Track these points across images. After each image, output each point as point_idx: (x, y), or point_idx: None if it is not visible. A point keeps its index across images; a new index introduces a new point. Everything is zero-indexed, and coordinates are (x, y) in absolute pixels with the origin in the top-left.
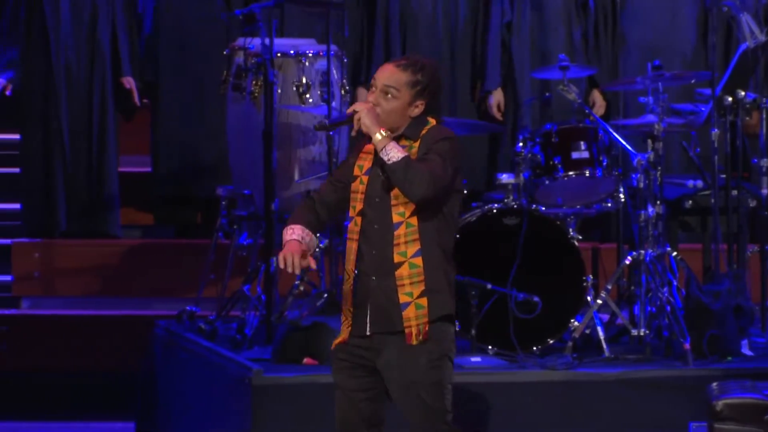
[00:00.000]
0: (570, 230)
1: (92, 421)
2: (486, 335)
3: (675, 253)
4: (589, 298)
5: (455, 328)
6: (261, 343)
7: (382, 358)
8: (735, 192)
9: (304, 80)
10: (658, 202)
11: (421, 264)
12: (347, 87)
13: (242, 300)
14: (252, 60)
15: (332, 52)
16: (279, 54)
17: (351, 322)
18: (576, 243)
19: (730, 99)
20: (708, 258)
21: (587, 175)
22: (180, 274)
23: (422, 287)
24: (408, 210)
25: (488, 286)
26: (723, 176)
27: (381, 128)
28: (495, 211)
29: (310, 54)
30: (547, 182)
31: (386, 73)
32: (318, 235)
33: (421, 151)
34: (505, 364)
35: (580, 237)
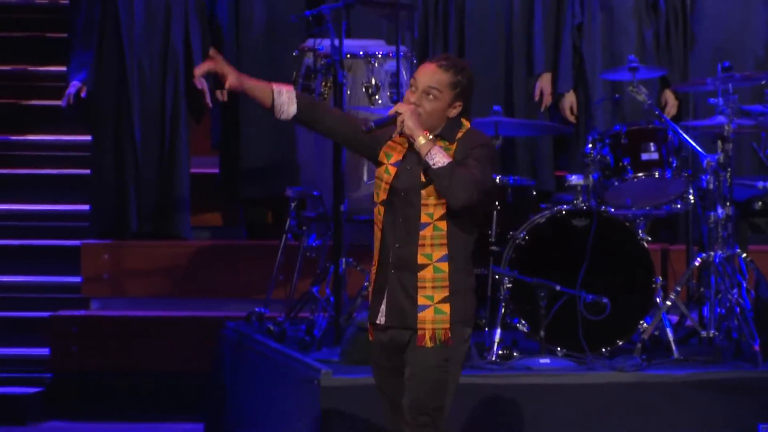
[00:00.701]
0: (639, 232)
1: (161, 422)
2: (555, 337)
3: (744, 255)
4: (658, 300)
5: (471, 329)
6: (329, 345)
7: (405, 355)
8: None
9: (374, 81)
10: (728, 204)
11: (447, 269)
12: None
13: (311, 301)
14: (321, 61)
15: (401, 53)
16: (348, 55)
17: (370, 310)
18: (645, 244)
19: None
20: None
21: (656, 177)
22: (249, 276)
23: (445, 293)
24: (437, 212)
25: (557, 288)
26: None
27: (424, 131)
28: (564, 213)
29: (380, 55)
30: (617, 183)
31: (428, 74)
32: (281, 93)
33: (459, 154)
34: (574, 366)
35: (650, 238)
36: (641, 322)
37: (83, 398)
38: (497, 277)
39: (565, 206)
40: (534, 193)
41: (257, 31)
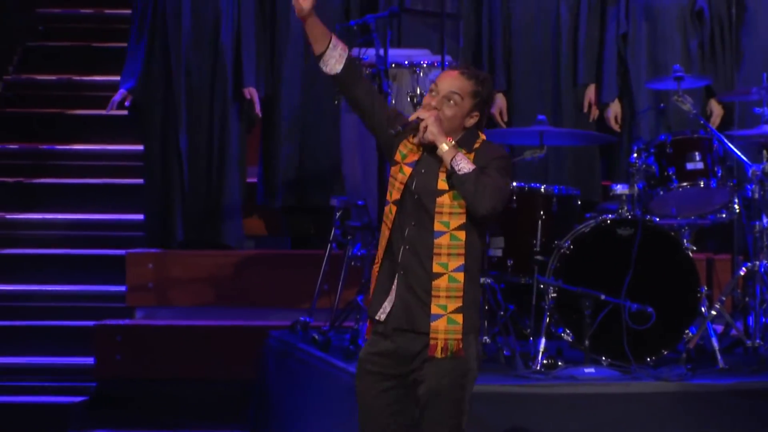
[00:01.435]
0: (684, 241)
1: (205, 431)
2: (599, 346)
3: None
4: (703, 309)
5: (480, 339)
6: None
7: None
8: None
9: (419, 91)
10: None
11: (462, 280)
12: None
13: (356, 311)
14: (366, 70)
15: (446, 63)
16: (393, 64)
17: (371, 305)
18: (690, 254)
19: None
20: None
21: (702, 186)
22: (294, 285)
23: (459, 303)
24: (453, 222)
25: (602, 297)
26: None
27: (448, 137)
28: (609, 222)
29: (425, 64)
30: (662, 193)
31: (450, 80)
32: (337, 46)
33: (477, 164)
34: (619, 375)
35: (694, 248)
36: (686, 332)
37: (127, 407)
38: (542, 287)
39: (610, 216)
40: (579, 203)
41: (302, 41)
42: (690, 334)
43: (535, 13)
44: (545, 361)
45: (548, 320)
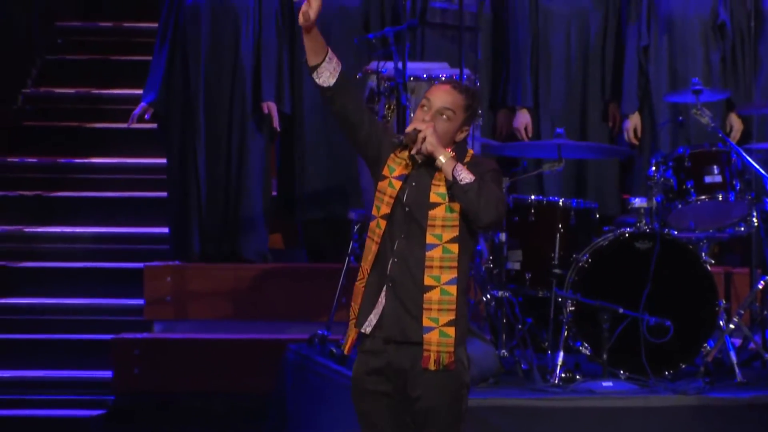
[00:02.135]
0: (702, 254)
1: None
2: (617, 359)
3: None
4: (722, 323)
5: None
6: None
7: (406, 377)
8: None
9: None
10: None
11: (455, 293)
12: (480, 111)
13: None
14: (385, 84)
15: (465, 76)
16: (411, 78)
17: (356, 319)
18: (708, 267)
19: None
20: None
21: (720, 200)
22: (311, 298)
23: (451, 316)
24: (446, 234)
25: (620, 311)
26: None
27: (446, 149)
28: (627, 235)
29: (443, 77)
30: (680, 206)
31: (443, 94)
32: (332, 60)
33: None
34: (637, 389)
35: (713, 261)
36: (704, 345)
37: (145, 421)
38: (560, 300)
39: (628, 229)
40: (597, 216)
41: None
42: (708, 348)
43: (562, 27)
44: (563, 375)
45: (566, 334)
